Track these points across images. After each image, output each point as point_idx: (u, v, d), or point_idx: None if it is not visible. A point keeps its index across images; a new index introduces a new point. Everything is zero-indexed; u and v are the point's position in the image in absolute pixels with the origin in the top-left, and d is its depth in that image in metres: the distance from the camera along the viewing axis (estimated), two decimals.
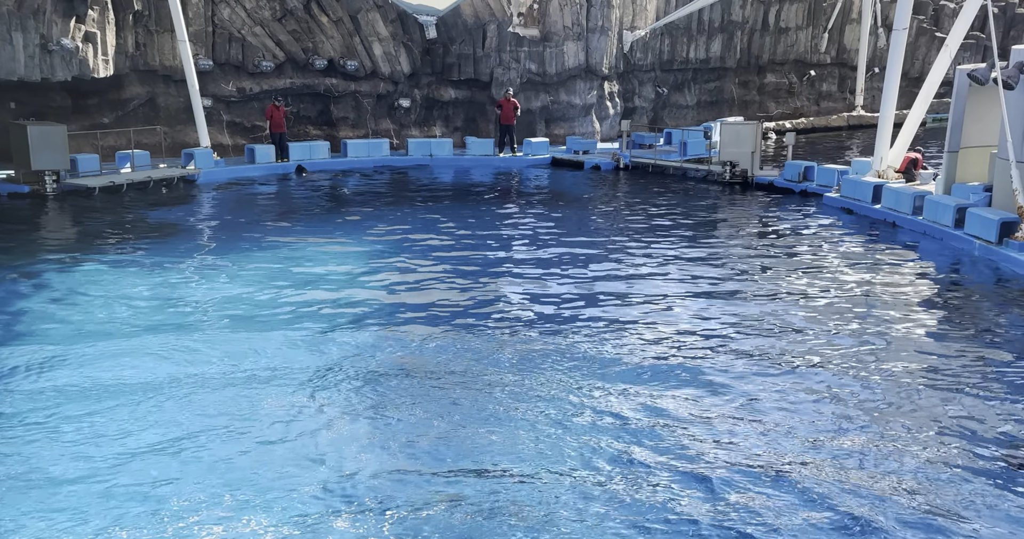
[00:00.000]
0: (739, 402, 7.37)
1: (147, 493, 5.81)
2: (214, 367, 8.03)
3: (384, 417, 7.07)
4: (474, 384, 7.72)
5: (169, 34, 19.25)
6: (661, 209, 16.40)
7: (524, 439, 6.66)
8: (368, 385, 7.68)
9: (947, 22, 30.36)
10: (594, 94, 23.97)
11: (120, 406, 7.16)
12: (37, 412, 7.07)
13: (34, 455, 6.34)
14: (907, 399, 7.45)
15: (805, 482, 5.99)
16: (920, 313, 10.08)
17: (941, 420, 7.03)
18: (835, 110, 30.67)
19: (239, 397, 7.39)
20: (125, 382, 7.66)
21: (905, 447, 6.56)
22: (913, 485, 5.97)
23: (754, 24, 28.05)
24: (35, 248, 12.88)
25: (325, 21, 21.47)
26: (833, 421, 7.02)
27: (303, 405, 7.24)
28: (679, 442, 6.64)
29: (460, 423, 6.94)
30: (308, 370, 7.98)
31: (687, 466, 6.25)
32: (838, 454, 6.43)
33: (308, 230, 14.34)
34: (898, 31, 15.79)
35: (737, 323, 9.43)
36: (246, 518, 5.52)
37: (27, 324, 9.25)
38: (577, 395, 7.48)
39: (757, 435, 6.77)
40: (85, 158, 17.47)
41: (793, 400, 7.42)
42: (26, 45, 16.36)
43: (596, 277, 11.39)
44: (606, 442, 6.61)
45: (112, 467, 6.17)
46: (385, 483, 5.98)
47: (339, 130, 22.46)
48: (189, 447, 6.48)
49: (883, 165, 16.30)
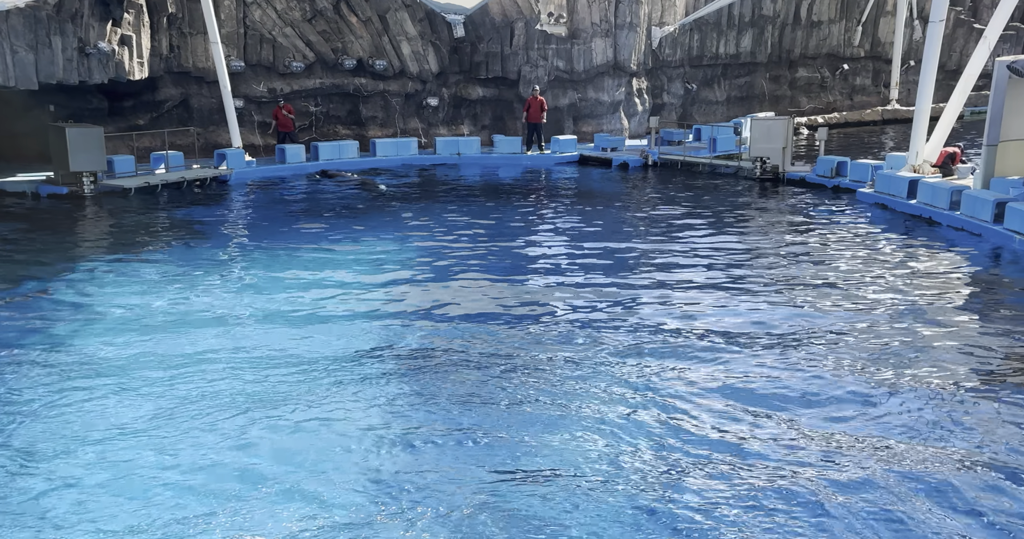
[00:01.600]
0: (773, 398, 7.28)
1: (180, 488, 5.91)
2: (250, 363, 8.14)
3: (414, 414, 7.10)
4: (507, 381, 7.73)
5: (202, 36, 19.53)
6: (691, 206, 16.26)
7: (560, 440, 6.66)
8: (400, 381, 7.73)
9: (986, 13, 29.65)
10: (622, 91, 23.84)
11: (156, 396, 7.30)
12: (65, 404, 7.23)
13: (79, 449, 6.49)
14: (950, 397, 7.30)
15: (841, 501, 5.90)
16: (961, 309, 9.87)
17: (985, 417, 6.87)
18: (869, 104, 30.14)
19: (273, 392, 7.48)
20: (161, 374, 7.79)
21: (942, 451, 6.43)
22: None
23: (785, 18, 27.67)
24: (75, 248, 13.17)
25: (354, 21, 21.63)
26: (872, 422, 6.90)
27: (334, 401, 7.31)
28: (724, 442, 6.58)
29: (495, 421, 6.95)
30: (340, 366, 8.05)
31: (738, 472, 6.19)
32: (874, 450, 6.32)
33: (338, 229, 14.47)
34: (935, 23, 15.47)
35: (771, 322, 9.31)
36: (280, 511, 5.59)
37: (71, 322, 9.46)
38: (609, 392, 7.45)
39: (786, 433, 6.68)
40: (121, 159, 17.80)
41: (838, 404, 7.31)
42: (64, 49, 16.72)
43: (628, 276, 11.33)
44: (642, 441, 6.57)
45: (128, 460, 6.28)
46: (418, 480, 6.01)
47: (368, 130, 22.62)
48: (217, 443, 6.58)
49: (919, 160, 15.98)
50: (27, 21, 15.88)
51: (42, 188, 16.97)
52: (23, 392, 7.51)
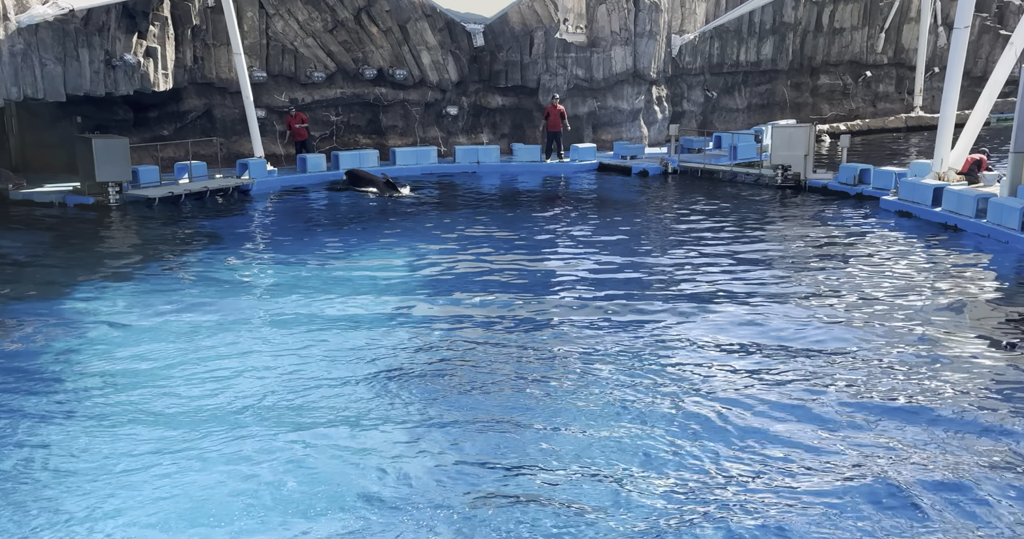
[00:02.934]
0: (802, 404, 7.19)
1: (199, 489, 5.95)
2: (272, 368, 8.19)
3: (432, 418, 7.10)
4: (526, 386, 7.70)
5: (225, 47, 19.80)
6: (713, 214, 16.15)
7: (575, 443, 6.62)
8: (419, 386, 7.74)
9: (1012, 19, 29.28)
10: (642, 99, 23.79)
11: (177, 401, 7.36)
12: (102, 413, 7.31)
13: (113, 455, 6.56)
14: (975, 407, 7.17)
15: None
16: (988, 317, 9.69)
17: (1013, 427, 6.74)
18: (892, 111, 29.82)
19: (294, 395, 7.52)
20: (191, 385, 7.86)
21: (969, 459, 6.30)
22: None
23: (807, 25, 27.49)
24: (100, 258, 13.33)
25: (375, 31, 21.81)
26: (898, 432, 6.79)
27: (355, 405, 7.33)
28: (751, 450, 6.51)
29: (511, 423, 6.93)
30: (360, 372, 8.07)
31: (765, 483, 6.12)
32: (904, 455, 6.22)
33: (359, 239, 14.54)
34: (959, 29, 15.28)
35: (796, 330, 9.21)
36: (300, 515, 5.61)
37: (91, 334, 9.58)
38: (624, 397, 7.39)
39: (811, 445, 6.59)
40: (146, 169, 18.06)
41: (866, 410, 7.20)
42: (91, 61, 17.01)
43: (649, 287, 11.27)
44: (663, 446, 6.52)
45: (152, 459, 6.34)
46: (433, 480, 6.00)
47: (388, 138, 22.76)
48: (237, 446, 6.62)
49: (944, 167, 15.77)
50: (56, 34, 16.19)
51: (69, 198, 17.24)
52: (48, 399, 7.61)
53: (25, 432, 6.95)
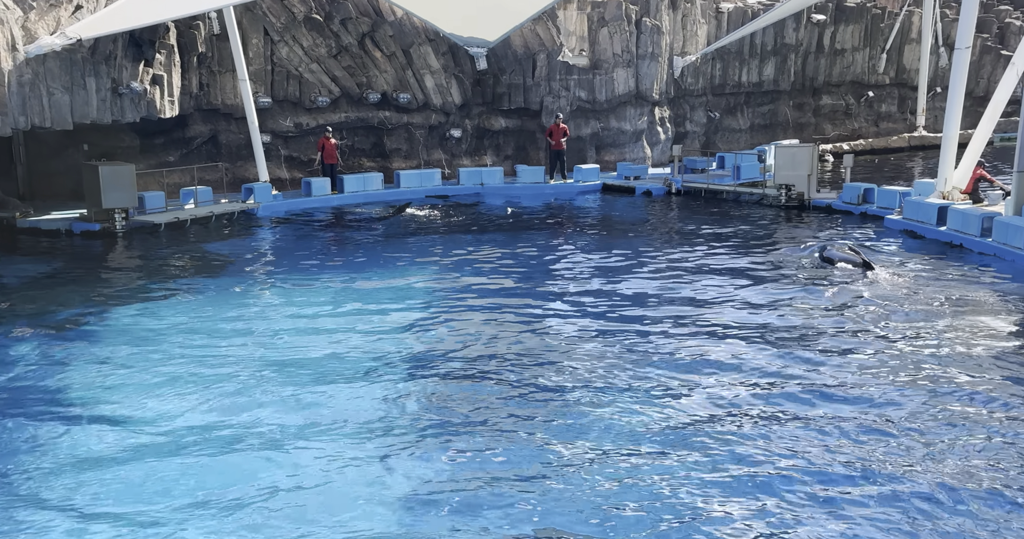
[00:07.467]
0: (814, 428, 7.11)
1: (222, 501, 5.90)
2: (282, 391, 8.16)
3: (447, 441, 7.05)
4: (537, 412, 7.65)
5: (230, 74, 19.99)
6: (717, 233, 16.13)
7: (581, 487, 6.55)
8: (433, 408, 7.69)
9: (1013, 40, 29.41)
10: (644, 120, 23.90)
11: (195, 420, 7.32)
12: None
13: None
14: (987, 427, 7.08)
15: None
16: (998, 335, 9.61)
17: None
18: (895, 131, 29.88)
19: (313, 414, 7.47)
20: (205, 404, 7.84)
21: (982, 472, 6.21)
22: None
23: (808, 46, 27.66)
24: (105, 284, 13.37)
25: (379, 56, 22.01)
26: (906, 451, 6.71)
27: (368, 426, 7.28)
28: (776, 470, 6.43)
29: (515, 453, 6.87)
30: (371, 396, 8.04)
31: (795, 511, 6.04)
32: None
33: (362, 262, 14.56)
34: (961, 50, 15.36)
35: (804, 353, 9.15)
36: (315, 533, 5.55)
37: (98, 362, 9.57)
38: (636, 423, 7.33)
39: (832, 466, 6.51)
40: (152, 195, 18.14)
41: (874, 434, 7.13)
42: (98, 89, 17.18)
43: (654, 310, 11.22)
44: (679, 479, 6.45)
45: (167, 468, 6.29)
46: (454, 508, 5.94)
47: (392, 161, 22.87)
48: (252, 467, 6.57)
49: (948, 186, 15.75)
50: (63, 64, 16.38)
51: (75, 225, 17.33)
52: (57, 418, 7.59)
53: (14, 465, 6.92)
